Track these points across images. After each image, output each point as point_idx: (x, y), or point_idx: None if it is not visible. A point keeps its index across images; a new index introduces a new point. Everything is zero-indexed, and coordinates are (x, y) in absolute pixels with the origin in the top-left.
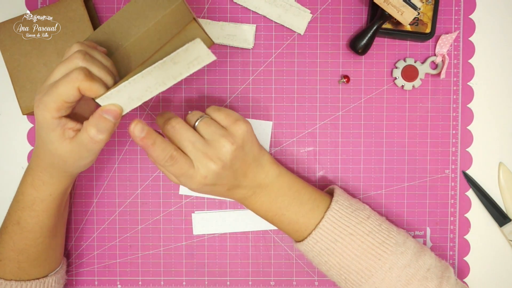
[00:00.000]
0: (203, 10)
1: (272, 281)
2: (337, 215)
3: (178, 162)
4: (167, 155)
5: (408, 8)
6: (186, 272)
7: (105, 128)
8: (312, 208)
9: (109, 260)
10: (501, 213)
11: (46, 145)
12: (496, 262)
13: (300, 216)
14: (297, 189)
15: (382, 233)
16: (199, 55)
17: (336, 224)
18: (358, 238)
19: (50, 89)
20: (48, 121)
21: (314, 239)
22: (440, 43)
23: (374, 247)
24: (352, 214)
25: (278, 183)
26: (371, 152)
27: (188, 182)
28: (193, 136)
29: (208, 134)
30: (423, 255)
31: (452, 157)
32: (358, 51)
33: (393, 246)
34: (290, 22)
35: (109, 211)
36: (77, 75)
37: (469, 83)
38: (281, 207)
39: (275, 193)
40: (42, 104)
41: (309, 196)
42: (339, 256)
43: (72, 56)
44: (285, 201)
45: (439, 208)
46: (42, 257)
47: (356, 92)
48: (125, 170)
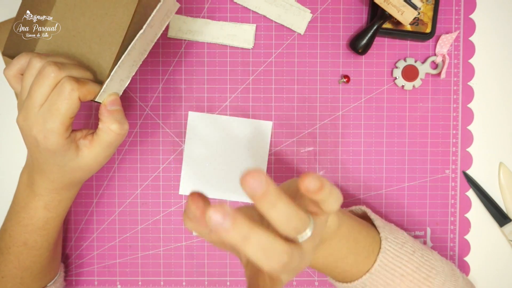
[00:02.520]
0: (203, 10)
1: None
2: (389, 256)
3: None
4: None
5: (408, 8)
6: (186, 272)
7: (122, 117)
8: (367, 256)
9: (109, 260)
10: (501, 213)
11: (64, 167)
12: (497, 262)
13: (354, 266)
14: (355, 237)
15: (426, 266)
16: (168, 9)
17: (388, 267)
18: (407, 277)
19: (50, 114)
20: (62, 144)
21: (363, 284)
22: (440, 43)
23: (420, 283)
24: (401, 251)
25: (338, 236)
26: (371, 152)
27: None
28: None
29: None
30: (457, 278)
31: (452, 157)
32: (358, 51)
33: (435, 277)
34: (290, 22)
35: (109, 211)
36: (71, 86)
37: (469, 83)
38: (337, 260)
39: (333, 247)
40: (50, 133)
41: (365, 243)
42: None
43: (46, 71)
44: (342, 253)
45: (439, 208)
46: (45, 270)
47: (356, 92)
48: (124, 170)
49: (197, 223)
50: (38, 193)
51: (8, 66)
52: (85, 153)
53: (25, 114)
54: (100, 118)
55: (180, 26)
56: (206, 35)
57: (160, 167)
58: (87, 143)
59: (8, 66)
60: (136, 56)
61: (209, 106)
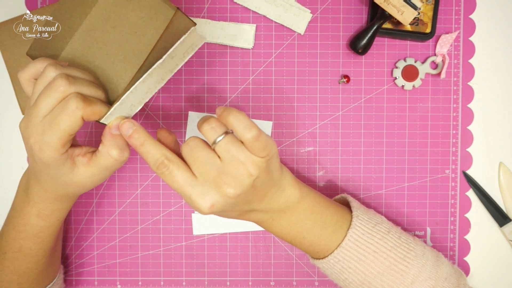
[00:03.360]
0: (203, 10)
1: (272, 281)
2: (360, 233)
3: (172, 173)
4: (158, 161)
5: (408, 8)
6: (186, 272)
7: (124, 144)
8: (334, 230)
9: (109, 260)
10: (501, 213)
11: (58, 180)
12: (496, 262)
13: (322, 239)
14: (320, 211)
15: (403, 247)
16: (193, 42)
17: (359, 242)
18: (381, 255)
19: (50, 127)
20: (56, 159)
21: (336, 258)
22: (440, 43)
23: (397, 263)
24: (374, 229)
25: (300, 207)
26: (371, 152)
27: (189, 203)
28: (206, 157)
29: (227, 156)
30: (441, 264)
31: (452, 157)
32: (358, 51)
33: (414, 259)
34: (290, 22)
35: (109, 211)
36: (76, 104)
37: (469, 83)
38: (302, 230)
39: (296, 217)
40: (45, 146)
41: (331, 217)
42: (361, 274)
43: (55, 83)
44: (307, 224)
45: (439, 208)
46: (43, 275)
47: (356, 92)
48: (125, 170)
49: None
50: (32, 199)
51: (23, 69)
52: (81, 171)
53: (27, 121)
54: (102, 140)
55: None
56: (206, 35)
57: None
58: (84, 161)
59: (23, 69)
60: (152, 84)
61: (209, 106)
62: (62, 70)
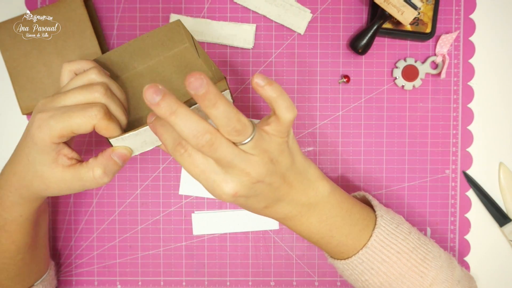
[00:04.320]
0: (203, 10)
1: (272, 281)
2: (384, 233)
3: (191, 156)
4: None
5: (409, 8)
6: (186, 272)
7: (112, 171)
8: (362, 228)
9: (109, 260)
10: (501, 213)
11: (32, 165)
12: (497, 262)
13: (349, 238)
14: (348, 208)
15: (423, 248)
16: None
17: (384, 243)
18: (404, 256)
19: (61, 115)
20: (45, 144)
21: (360, 259)
22: (440, 43)
23: (418, 264)
24: (397, 230)
25: (330, 202)
26: (371, 152)
27: (210, 190)
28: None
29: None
30: (454, 267)
31: (453, 157)
32: (358, 51)
33: (432, 260)
34: (290, 21)
35: (109, 211)
36: (97, 113)
37: (469, 83)
38: (331, 229)
39: (326, 214)
40: (47, 127)
41: (359, 215)
42: (383, 275)
43: (94, 88)
44: (336, 222)
45: (439, 208)
46: (24, 272)
47: (356, 92)
48: (124, 170)
49: None
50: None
51: (71, 62)
52: (56, 170)
53: (49, 101)
54: (99, 155)
55: None
56: (206, 35)
57: (160, 167)
58: (66, 163)
59: (72, 62)
60: None
61: None
62: (103, 79)
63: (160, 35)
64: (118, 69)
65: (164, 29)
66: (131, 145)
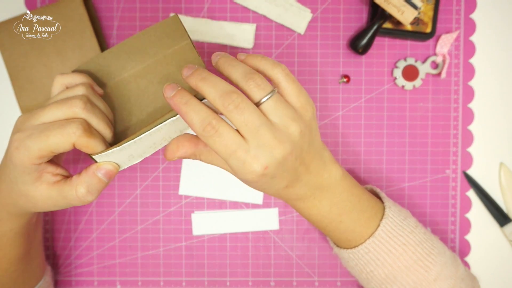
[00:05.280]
0: (203, 10)
1: (272, 281)
2: (392, 224)
3: (222, 135)
4: (205, 122)
5: (409, 8)
6: (186, 272)
7: (97, 189)
8: (370, 216)
9: (109, 261)
10: (501, 213)
11: (15, 185)
12: (497, 262)
13: (358, 225)
14: (358, 194)
15: (428, 243)
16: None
17: (391, 234)
18: (410, 248)
19: (38, 135)
20: (24, 165)
21: (367, 249)
22: (440, 42)
23: (423, 258)
24: (404, 222)
25: (341, 186)
26: (372, 152)
27: (240, 169)
28: (259, 119)
29: (277, 116)
30: (458, 265)
31: (453, 157)
32: (359, 50)
33: (437, 256)
34: (290, 21)
35: (109, 211)
36: (75, 130)
37: (469, 83)
38: (341, 213)
39: (337, 198)
40: (24, 148)
41: (368, 203)
42: (388, 267)
43: (73, 102)
44: (346, 207)
45: (440, 208)
46: (18, 282)
47: (357, 92)
48: (124, 170)
49: None
50: None
51: (63, 75)
52: (41, 187)
53: (27, 118)
54: (82, 172)
55: None
56: (206, 35)
57: (160, 167)
58: (51, 181)
59: (64, 75)
60: (158, 140)
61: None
62: (88, 93)
63: (157, 32)
64: (116, 70)
65: (161, 26)
66: (116, 160)
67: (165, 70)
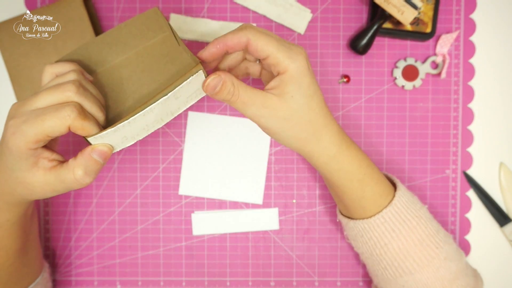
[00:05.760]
0: (203, 10)
1: (272, 281)
2: (405, 197)
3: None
4: None
5: (409, 8)
6: (186, 272)
7: (94, 171)
8: (385, 185)
9: (109, 261)
10: (501, 213)
11: (12, 172)
12: (497, 262)
13: (381, 187)
14: (369, 163)
15: (434, 223)
16: (198, 88)
17: (406, 206)
18: (422, 222)
19: (34, 119)
20: (21, 151)
21: (383, 218)
22: (440, 42)
23: (434, 235)
24: (414, 198)
25: (355, 151)
26: (372, 152)
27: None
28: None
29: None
30: (461, 253)
31: (453, 157)
32: (359, 50)
33: (444, 236)
34: (290, 21)
35: (109, 211)
36: (70, 113)
37: (469, 83)
38: (361, 165)
39: (360, 154)
40: (20, 133)
41: (379, 174)
42: (402, 240)
43: (66, 87)
44: (365, 161)
45: (440, 208)
46: (15, 276)
47: (357, 92)
48: (124, 170)
49: None
50: None
51: (53, 64)
52: (38, 173)
53: (21, 104)
54: (78, 155)
55: (180, 26)
56: (206, 35)
57: (160, 167)
58: (47, 166)
59: (54, 64)
60: (150, 122)
61: (209, 106)
62: (80, 78)
63: (137, 24)
64: (95, 62)
65: (142, 18)
66: (110, 142)
67: (146, 61)
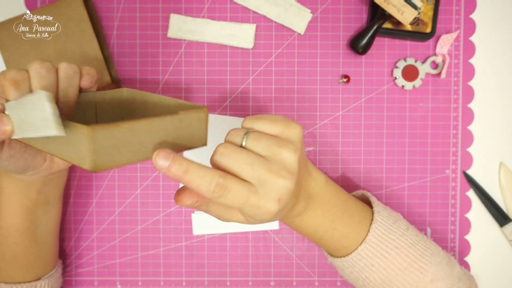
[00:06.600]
0: (203, 10)
1: (272, 281)
2: (382, 228)
3: (231, 190)
4: (212, 184)
5: (409, 8)
6: (186, 272)
7: None
8: (360, 221)
9: (109, 261)
10: (501, 213)
11: None
12: (497, 262)
13: (351, 230)
14: (344, 198)
15: (421, 244)
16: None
17: (382, 238)
18: (402, 251)
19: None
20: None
21: (360, 255)
22: (440, 42)
23: (417, 260)
24: (394, 225)
25: (328, 192)
26: (371, 152)
27: (257, 214)
28: (248, 157)
29: (263, 149)
30: (453, 264)
31: (453, 157)
32: (359, 50)
33: (431, 256)
34: (290, 21)
35: (109, 211)
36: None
37: (469, 83)
38: (334, 219)
39: (327, 203)
40: None
41: (355, 206)
42: (383, 271)
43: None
44: (337, 212)
45: (440, 208)
46: (21, 260)
47: (356, 92)
48: (124, 170)
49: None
50: None
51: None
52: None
53: None
54: None
55: (180, 26)
56: (206, 35)
57: None
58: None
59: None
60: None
61: (209, 106)
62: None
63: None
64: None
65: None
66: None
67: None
